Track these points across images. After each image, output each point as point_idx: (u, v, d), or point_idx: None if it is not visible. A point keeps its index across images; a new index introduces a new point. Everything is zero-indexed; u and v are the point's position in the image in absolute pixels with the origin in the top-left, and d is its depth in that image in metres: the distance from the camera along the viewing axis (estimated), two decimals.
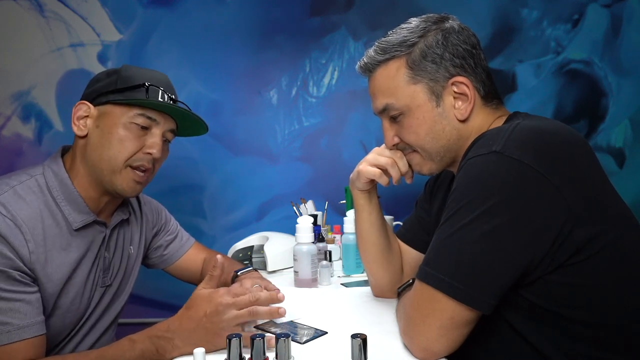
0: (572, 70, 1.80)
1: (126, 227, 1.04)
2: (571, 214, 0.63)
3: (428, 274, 0.67)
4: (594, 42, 1.79)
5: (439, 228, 0.69)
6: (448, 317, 0.65)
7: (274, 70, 1.83)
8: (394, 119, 0.85)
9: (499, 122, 0.80)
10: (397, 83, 0.81)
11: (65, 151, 0.95)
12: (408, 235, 1.06)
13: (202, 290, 0.78)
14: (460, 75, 0.78)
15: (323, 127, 1.84)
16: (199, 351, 0.62)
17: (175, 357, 0.73)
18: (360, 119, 1.83)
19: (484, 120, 0.81)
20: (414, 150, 0.86)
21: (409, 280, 0.87)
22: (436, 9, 0.88)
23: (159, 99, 0.90)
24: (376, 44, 0.85)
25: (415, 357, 0.69)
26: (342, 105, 1.84)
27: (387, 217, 1.54)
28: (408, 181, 0.92)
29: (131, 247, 1.05)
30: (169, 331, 0.74)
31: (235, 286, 0.81)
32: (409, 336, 0.70)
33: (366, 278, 1.20)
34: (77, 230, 0.89)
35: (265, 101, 1.84)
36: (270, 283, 0.91)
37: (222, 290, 0.77)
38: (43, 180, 0.87)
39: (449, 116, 0.80)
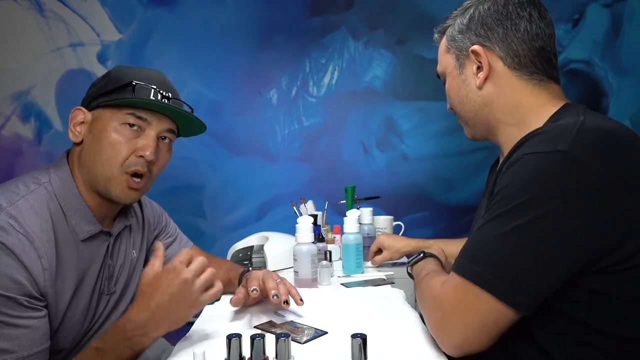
0: (572, 70, 1.80)
1: (129, 232, 1.02)
2: (628, 227, 0.61)
3: (474, 272, 0.65)
4: (595, 42, 1.79)
5: (488, 222, 0.66)
6: (493, 318, 0.63)
7: (274, 70, 1.83)
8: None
9: (548, 107, 0.77)
10: (441, 52, 0.91)
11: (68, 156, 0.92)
12: None
13: (152, 273, 0.76)
14: (481, 44, 0.81)
15: (323, 127, 1.84)
16: (199, 351, 0.61)
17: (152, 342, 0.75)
18: (360, 119, 1.83)
19: (518, 93, 0.80)
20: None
21: (419, 254, 0.93)
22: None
23: (151, 97, 0.86)
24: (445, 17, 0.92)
25: (445, 351, 0.68)
26: (342, 105, 1.84)
27: (387, 217, 1.54)
28: None
29: (133, 251, 1.03)
30: (138, 328, 0.74)
31: (262, 278, 0.89)
32: (443, 332, 0.68)
33: (366, 278, 1.20)
34: (83, 240, 0.86)
35: (265, 101, 1.84)
36: (293, 288, 0.91)
37: (177, 267, 0.75)
38: (51, 189, 0.83)
39: (470, 83, 0.84)
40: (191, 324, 0.86)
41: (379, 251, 1.29)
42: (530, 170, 0.64)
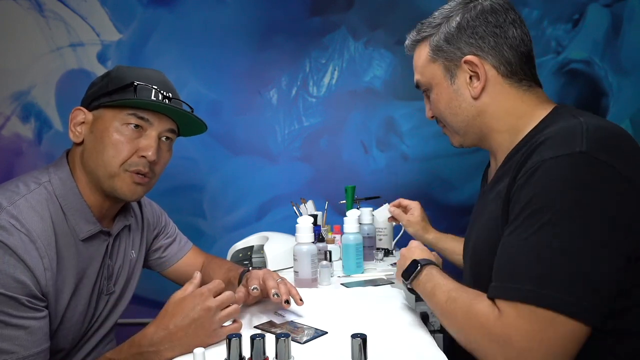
0: (572, 70, 1.80)
1: (128, 232, 1.02)
2: None
3: (540, 296, 0.59)
4: (595, 42, 1.78)
5: (532, 235, 0.62)
6: (571, 339, 0.58)
7: (274, 70, 1.83)
8: (427, 94, 0.91)
9: (538, 111, 0.78)
10: (422, 61, 0.88)
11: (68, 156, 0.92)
12: None
13: (181, 295, 0.77)
14: (473, 54, 0.80)
15: (323, 127, 1.84)
16: (199, 351, 0.61)
17: None
18: (360, 119, 1.83)
19: (510, 100, 0.80)
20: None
21: (415, 267, 0.83)
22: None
23: (152, 97, 0.86)
24: (417, 25, 0.90)
25: None
26: (342, 105, 1.83)
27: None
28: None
29: (132, 251, 1.03)
30: (153, 345, 0.73)
31: (264, 276, 0.89)
32: None
33: (366, 278, 1.20)
34: (82, 240, 0.86)
35: (265, 101, 1.84)
36: (294, 287, 0.91)
37: (204, 293, 0.77)
38: (51, 188, 0.84)
39: (464, 93, 0.83)
40: None
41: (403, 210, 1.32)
42: (556, 176, 0.62)
